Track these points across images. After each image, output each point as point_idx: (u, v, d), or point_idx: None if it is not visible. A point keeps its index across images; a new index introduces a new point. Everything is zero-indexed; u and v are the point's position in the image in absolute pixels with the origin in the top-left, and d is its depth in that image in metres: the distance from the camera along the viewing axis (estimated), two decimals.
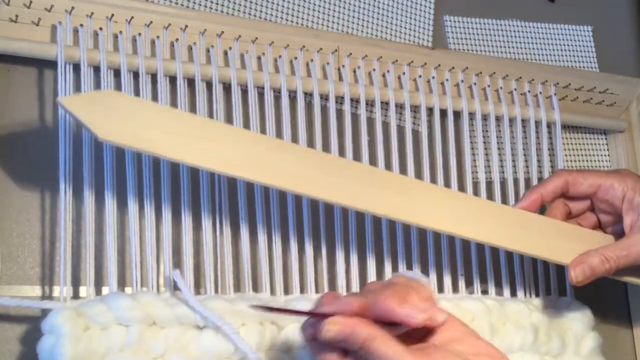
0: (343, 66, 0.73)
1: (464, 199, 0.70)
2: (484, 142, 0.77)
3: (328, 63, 0.73)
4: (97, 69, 0.62)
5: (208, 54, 0.68)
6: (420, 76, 0.77)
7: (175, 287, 0.61)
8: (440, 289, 0.72)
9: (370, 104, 0.74)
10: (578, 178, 0.73)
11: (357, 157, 0.71)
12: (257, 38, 0.70)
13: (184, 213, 0.63)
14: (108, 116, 0.56)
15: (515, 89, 0.81)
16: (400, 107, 0.75)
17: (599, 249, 0.69)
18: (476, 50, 0.87)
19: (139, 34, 0.65)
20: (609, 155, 0.91)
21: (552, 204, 0.74)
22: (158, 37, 0.66)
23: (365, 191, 0.64)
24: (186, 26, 0.67)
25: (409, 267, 0.71)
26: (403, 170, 0.73)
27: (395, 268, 0.71)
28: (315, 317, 0.50)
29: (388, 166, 0.72)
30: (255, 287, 0.65)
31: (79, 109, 0.55)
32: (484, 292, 0.75)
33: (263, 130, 0.68)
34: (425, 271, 0.72)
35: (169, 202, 0.63)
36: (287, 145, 0.65)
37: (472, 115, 0.78)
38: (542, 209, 0.74)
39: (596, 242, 0.72)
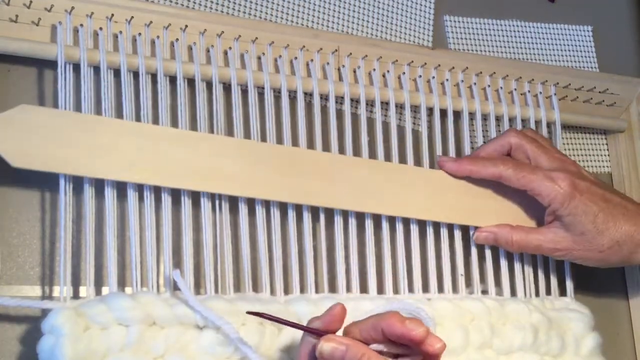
0: (343, 66, 0.73)
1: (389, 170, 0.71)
2: (484, 142, 0.77)
3: (328, 63, 0.73)
4: (97, 69, 0.62)
5: (208, 54, 0.68)
6: (420, 76, 0.77)
7: (175, 287, 0.61)
8: (440, 289, 0.72)
9: (370, 104, 0.74)
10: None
11: (357, 156, 0.71)
12: (257, 38, 0.70)
13: (184, 213, 0.63)
14: (22, 138, 0.55)
15: (515, 89, 0.81)
16: (400, 107, 0.75)
17: (512, 230, 0.73)
18: (476, 50, 0.87)
19: (139, 34, 0.65)
20: (608, 155, 0.91)
21: None
22: (158, 37, 0.66)
23: (285, 181, 0.65)
24: (186, 26, 0.67)
25: (409, 267, 0.71)
26: None
27: (395, 268, 0.71)
28: (311, 333, 0.53)
29: None
30: (255, 287, 0.65)
31: None
32: (484, 292, 0.75)
33: (263, 130, 0.68)
34: (425, 271, 0.72)
35: (169, 202, 0.63)
36: (194, 136, 0.63)
37: (472, 115, 0.78)
38: None
39: (515, 220, 0.74)
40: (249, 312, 0.57)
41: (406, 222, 0.72)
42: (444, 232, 0.73)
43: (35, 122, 0.57)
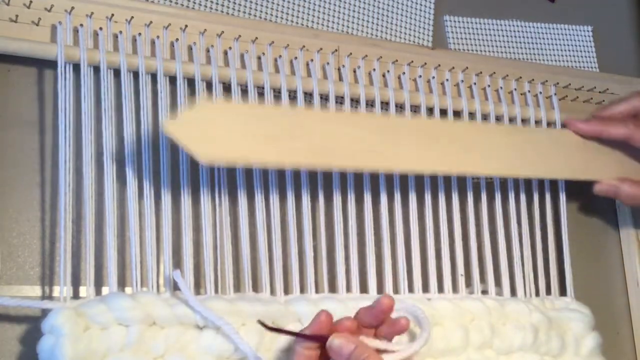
0: (343, 66, 0.73)
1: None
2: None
3: (328, 63, 0.73)
4: (97, 69, 0.62)
5: (208, 54, 0.68)
6: (420, 76, 0.77)
7: (175, 287, 0.61)
8: (440, 289, 0.72)
9: (370, 104, 0.74)
10: None
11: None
12: (257, 38, 0.70)
13: (184, 213, 0.63)
14: (206, 135, 0.57)
15: (515, 89, 0.81)
16: (400, 107, 0.75)
17: (633, 184, 0.76)
18: (476, 50, 0.87)
19: (139, 34, 0.65)
20: None
21: None
22: (158, 37, 0.66)
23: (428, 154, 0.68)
24: (186, 26, 0.67)
25: (409, 267, 0.71)
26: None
27: (395, 268, 0.71)
28: (317, 341, 0.55)
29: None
30: (255, 288, 0.65)
31: (178, 133, 0.56)
32: (484, 292, 0.75)
33: None
34: (425, 271, 0.72)
35: (169, 202, 0.63)
36: (365, 117, 0.68)
37: (472, 115, 0.78)
38: None
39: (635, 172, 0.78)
40: (259, 322, 0.57)
41: (406, 221, 0.72)
42: (444, 232, 0.73)
43: (216, 117, 0.58)
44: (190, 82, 0.66)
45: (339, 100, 0.73)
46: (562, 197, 0.80)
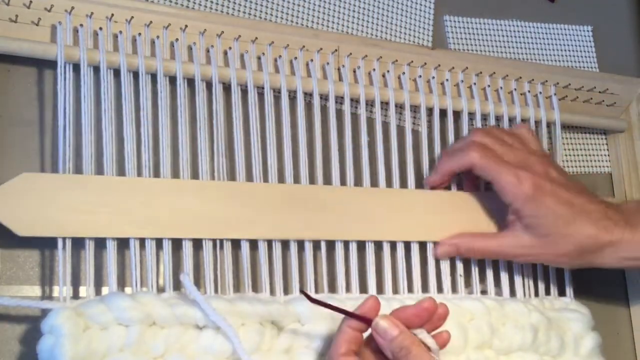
0: (343, 66, 0.73)
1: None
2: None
3: (328, 63, 0.73)
4: (97, 69, 0.62)
5: (208, 54, 0.68)
6: (420, 76, 0.77)
7: (175, 287, 0.61)
8: (440, 289, 0.72)
9: (370, 104, 0.74)
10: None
11: (357, 157, 0.71)
12: (257, 38, 0.70)
13: None
14: (24, 206, 0.56)
15: (515, 89, 0.81)
16: (400, 107, 0.75)
17: (473, 238, 0.71)
18: (476, 50, 0.87)
19: (139, 34, 0.65)
20: (608, 155, 0.91)
21: None
22: (158, 37, 0.66)
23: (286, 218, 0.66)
24: (186, 26, 0.67)
25: (408, 267, 0.71)
26: (403, 170, 0.73)
27: (394, 269, 0.71)
28: (362, 321, 0.58)
29: (388, 166, 0.72)
30: (255, 288, 0.65)
31: None
32: (483, 292, 0.75)
33: (263, 131, 0.68)
34: (424, 271, 0.72)
35: None
36: (193, 185, 0.63)
37: (472, 115, 0.78)
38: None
39: (477, 228, 0.73)
40: (302, 292, 0.59)
41: None
42: None
43: (35, 188, 0.57)
44: (190, 82, 0.66)
45: (339, 100, 0.73)
46: None
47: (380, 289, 0.70)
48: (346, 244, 0.69)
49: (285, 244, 0.67)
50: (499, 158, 0.70)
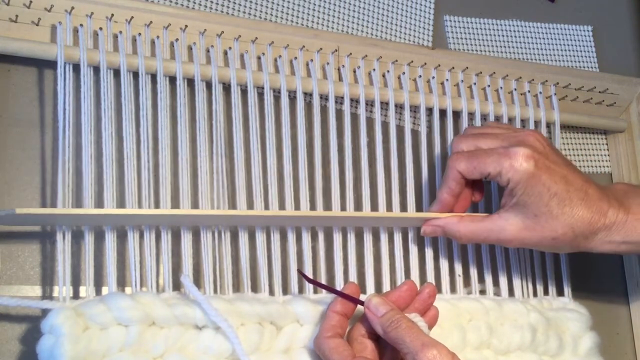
0: (343, 66, 0.73)
1: None
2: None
3: (328, 63, 0.73)
4: (97, 69, 0.62)
5: (208, 54, 0.68)
6: (420, 76, 0.77)
7: (175, 288, 0.62)
8: (438, 289, 0.72)
9: (370, 104, 0.74)
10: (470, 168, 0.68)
11: (356, 157, 0.72)
12: (257, 38, 0.70)
13: None
14: None
15: (515, 89, 0.81)
16: (399, 107, 0.75)
17: (460, 221, 0.68)
18: (476, 50, 0.87)
19: (139, 34, 0.65)
20: (608, 155, 0.91)
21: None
22: (158, 37, 0.66)
23: None
24: (186, 26, 0.67)
25: (406, 267, 0.71)
26: (402, 170, 0.73)
27: (393, 269, 0.71)
28: (353, 302, 0.62)
29: (387, 166, 0.72)
30: (255, 288, 0.65)
31: None
32: (482, 292, 0.75)
33: (263, 131, 0.68)
34: (423, 271, 0.72)
35: (168, 203, 0.63)
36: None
37: (471, 115, 0.78)
38: None
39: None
40: (298, 271, 0.65)
41: None
42: None
43: None
44: (190, 82, 0.66)
45: (339, 100, 0.73)
46: None
47: (378, 289, 0.70)
48: (345, 243, 0.69)
49: (284, 243, 0.67)
50: (482, 151, 0.67)
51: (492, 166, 0.66)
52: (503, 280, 0.75)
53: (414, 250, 0.72)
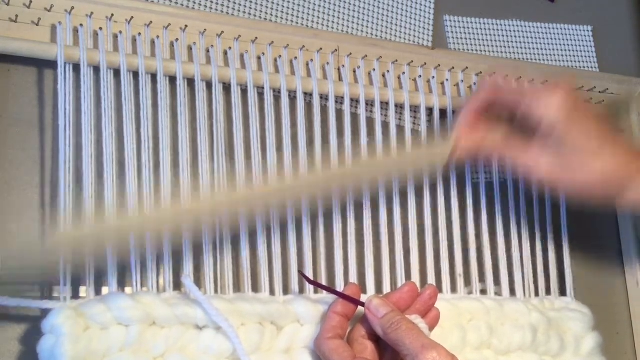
0: (343, 66, 0.73)
1: None
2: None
3: (328, 63, 0.73)
4: (97, 69, 0.62)
5: (208, 54, 0.68)
6: (420, 76, 0.77)
7: (176, 288, 0.61)
8: (439, 288, 0.72)
9: (370, 104, 0.74)
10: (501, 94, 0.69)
11: (356, 157, 0.71)
12: (257, 38, 0.70)
13: None
14: None
15: None
16: (400, 107, 0.75)
17: (495, 142, 0.68)
18: (476, 50, 0.87)
19: (139, 34, 0.65)
20: None
21: None
22: (158, 37, 0.66)
23: None
24: (186, 26, 0.67)
25: (407, 267, 0.71)
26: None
27: (393, 269, 0.71)
28: (354, 303, 0.62)
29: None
30: (255, 288, 0.65)
31: None
32: (483, 292, 0.75)
33: (263, 131, 0.68)
34: (423, 271, 0.72)
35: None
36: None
37: None
38: None
39: None
40: (300, 272, 0.65)
41: (405, 221, 0.72)
42: (443, 232, 0.73)
43: None
44: (190, 82, 0.66)
45: (339, 100, 0.73)
46: (562, 197, 0.80)
47: (379, 289, 0.70)
48: (345, 243, 0.69)
49: (284, 243, 0.67)
50: (519, 87, 0.68)
51: (530, 98, 0.65)
52: (504, 280, 0.75)
53: (414, 249, 0.72)
